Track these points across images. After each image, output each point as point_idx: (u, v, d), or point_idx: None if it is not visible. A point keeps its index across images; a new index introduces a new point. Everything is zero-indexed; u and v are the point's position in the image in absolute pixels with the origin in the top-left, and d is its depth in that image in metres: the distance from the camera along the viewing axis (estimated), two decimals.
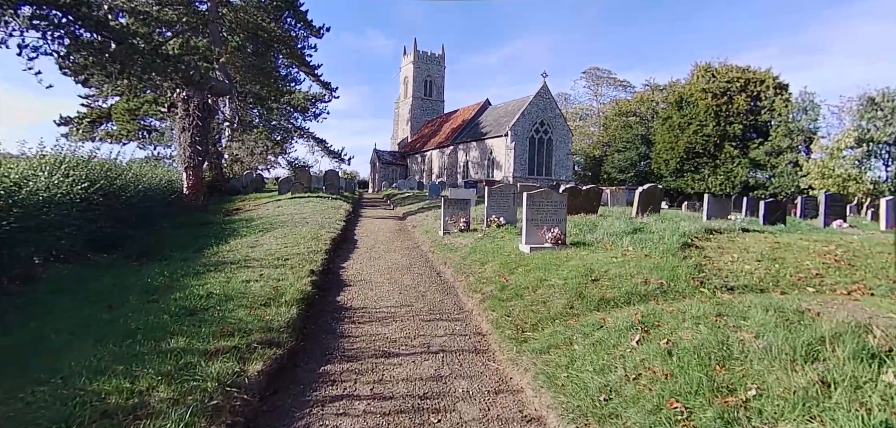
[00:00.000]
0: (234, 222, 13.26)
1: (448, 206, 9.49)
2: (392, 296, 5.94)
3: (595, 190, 10.18)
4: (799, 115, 41.49)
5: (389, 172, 51.00)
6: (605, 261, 5.64)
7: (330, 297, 5.94)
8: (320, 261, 7.30)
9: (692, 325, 3.50)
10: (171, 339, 3.71)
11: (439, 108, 57.92)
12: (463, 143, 43.52)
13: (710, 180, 44.34)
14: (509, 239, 7.95)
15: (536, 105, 38.66)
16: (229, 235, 10.41)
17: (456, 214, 9.42)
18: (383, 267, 7.60)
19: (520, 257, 6.45)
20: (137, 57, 15.31)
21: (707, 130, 43.90)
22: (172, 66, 17.06)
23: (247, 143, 25.38)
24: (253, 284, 5.61)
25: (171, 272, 6.34)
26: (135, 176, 12.52)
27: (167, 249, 9.70)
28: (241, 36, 21.80)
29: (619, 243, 6.49)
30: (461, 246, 8.09)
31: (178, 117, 18.73)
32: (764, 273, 5.10)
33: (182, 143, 18.62)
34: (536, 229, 6.74)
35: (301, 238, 9.01)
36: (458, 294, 5.93)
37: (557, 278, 5.24)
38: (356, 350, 4.21)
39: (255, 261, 6.92)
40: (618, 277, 5.07)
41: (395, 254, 8.69)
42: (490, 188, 9.42)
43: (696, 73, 47.75)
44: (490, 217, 9.33)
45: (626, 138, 52.36)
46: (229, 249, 8.54)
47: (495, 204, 9.39)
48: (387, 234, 11.61)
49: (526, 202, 6.71)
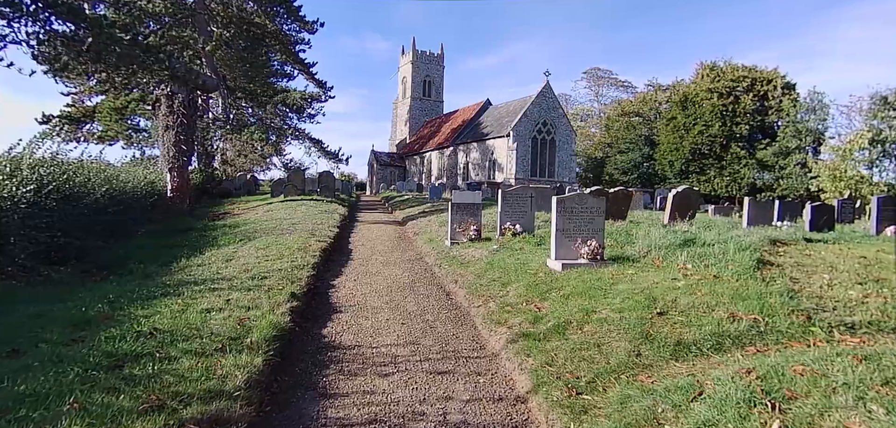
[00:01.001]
0: (216, 229, 12.01)
1: (455, 212, 8.27)
2: (392, 327, 4.71)
3: (624, 193, 8.98)
4: (807, 116, 40.45)
5: (387, 174, 49.75)
6: (665, 285, 4.42)
7: (314, 329, 4.70)
8: (306, 279, 6.07)
9: (853, 399, 2.29)
10: (65, 419, 2.47)
11: (438, 108, 56.72)
12: (463, 144, 42.32)
13: (715, 181, 43.29)
14: (531, 252, 6.73)
15: (539, 105, 37.51)
16: (207, 245, 9.17)
17: (465, 220, 8.20)
18: (381, 285, 6.37)
19: (550, 277, 5.24)
20: (114, 47, 14.04)
21: (713, 130, 42.84)
22: (153, 58, 15.81)
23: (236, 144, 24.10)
24: (215, 315, 4.38)
25: (117, 296, 5.09)
26: (106, 178, 11.24)
27: (134, 261, 8.46)
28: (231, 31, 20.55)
29: (671, 259, 5.28)
30: (473, 259, 6.87)
31: (162, 115, 17.48)
32: (881, 303, 3.89)
33: (165, 143, 17.36)
34: (569, 241, 5.53)
35: (286, 249, 7.78)
36: (477, 325, 4.70)
37: (609, 309, 4.02)
38: (343, 421, 2.98)
39: (226, 280, 5.68)
40: (691, 308, 3.85)
41: (396, 268, 7.46)
42: (504, 191, 8.20)
43: (701, 73, 46.70)
44: (504, 224, 8.12)
45: (629, 139, 51.30)
46: (201, 262, 7.30)
47: (510, 209, 8.17)
48: (385, 242, 10.38)
49: (556, 209, 5.49)
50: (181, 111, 17.24)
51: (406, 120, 56.31)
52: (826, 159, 37.96)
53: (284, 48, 21.22)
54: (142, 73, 16.48)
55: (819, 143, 40.54)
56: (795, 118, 40.22)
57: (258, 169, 39.99)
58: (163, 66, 16.06)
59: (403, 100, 57.26)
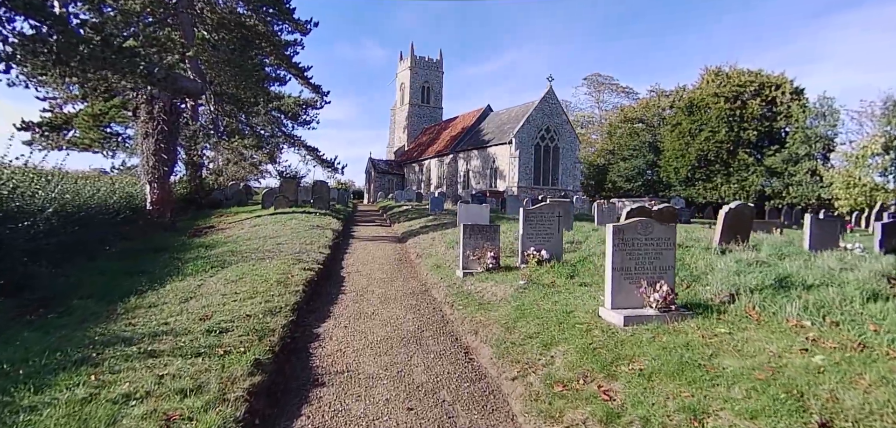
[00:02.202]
0: (192, 249, 10.57)
1: (469, 235, 6.85)
2: (394, 415, 3.30)
3: (669, 210, 7.61)
4: (817, 122, 39.34)
5: (385, 182, 48.34)
6: (796, 363, 3.02)
7: (282, 423, 3.28)
8: (281, 329, 4.65)
9: None
10: None
11: (437, 115, 55.49)
12: (463, 152, 41.00)
13: (723, 189, 42.06)
14: (569, 290, 5.33)
15: (541, 110, 36.27)
16: (172, 273, 7.72)
17: (480, 245, 6.79)
18: (379, 335, 4.95)
19: (612, 337, 3.83)
20: (82, 48, 12.65)
21: (719, 136, 41.68)
22: (127, 60, 14.43)
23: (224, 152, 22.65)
24: (131, 409, 2.96)
25: (13, 363, 3.66)
26: (62, 191, 9.79)
27: (83, 294, 7.03)
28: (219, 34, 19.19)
29: (773, 310, 3.88)
30: (495, 299, 5.47)
31: (141, 122, 16.06)
32: None
33: (145, 152, 15.92)
34: (629, 284, 4.15)
35: (263, 282, 6.35)
36: (516, 418, 3.28)
37: (730, 411, 2.62)
38: None
39: (171, 337, 4.25)
40: (868, 418, 2.45)
41: (397, 307, 6.04)
42: (526, 210, 6.79)
43: (707, 78, 45.63)
44: (527, 249, 6.72)
45: (633, 145, 50.12)
46: (154, 301, 5.86)
47: (534, 230, 6.77)
48: (384, 266, 8.96)
49: (613, 242, 4.10)
50: (162, 118, 15.83)
51: (404, 127, 55.02)
52: (838, 166, 36.86)
53: (276, 50, 19.85)
54: (116, 77, 15.10)
55: (829, 150, 39.48)
56: (805, 124, 39.11)
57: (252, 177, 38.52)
58: (137, 70, 14.70)
59: (401, 106, 56.00)
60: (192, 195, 23.88)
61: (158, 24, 17.25)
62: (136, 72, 14.67)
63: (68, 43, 12.25)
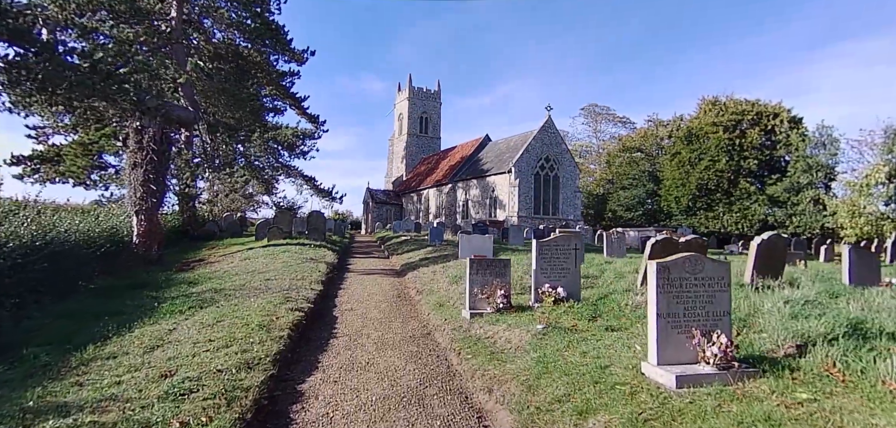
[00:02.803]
0: (174, 285, 9.78)
1: (475, 271, 6.12)
2: None
3: (698, 242, 6.94)
4: (817, 151, 39.20)
5: (383, 212, 47.72)
6: None
7: None
8: (256, 388, 3.88)
9: None
10: None
11: (436, 145, 55.42)
12: (462, 181, 40.57)
13: (724, 218, 41.55)
14: (596, 336, 4.59)
15: (541, 140, 36.04)
16: (145, 314, 6.93)
17: (489, 282, 6.06)
18: (374, 393, 4.17)
19: (662, 401, 3.08)
20: (70, 74, 12.19)
21: (720, 166, 41.46)
22: (116, 87, 13.97)
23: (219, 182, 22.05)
24: None
25: None
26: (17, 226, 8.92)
27: (42, 339, 6.24)
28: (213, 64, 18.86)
29: (855, 366, 3.16)
30: (510, 347, 4.71)
31: (129, 151, 15.48)
32: None
33: (133, 182, 15.26)
34: (678, 333, 3.43)
35: (242, 325, 5.58)
36: None
37: None
38: None
39: (118, 403, 3.47)
40: None
41: (395, 355, 5.26)
42: (540, 242, 6.09)
43: (704, 107, 45.81)
44: (541, 286, 6.00)
45: (632, 175, 49.89)
46: (115, 350, 5.08)
47: (549, 265, 6.06)
48: (381, 304, 8.18)
49: (657, 281, 3.39)
50: (151, 147, 15.24)
51: (402, 157, 54.85)
52: (841, 195, 36.51)
53: (272, 81, 19.50)
54: (104, 105, 14.61)
55: (830, 179, 39.19)
56: (805, 153, 38.96)
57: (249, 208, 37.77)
58: (126, 97, 14.22)
59: (400, 136, 55.98)
60: (184, 227, 23.12)
61: (152, 52, 16.91)
62: (126, 99, 14.19)
63: (55, 70, 11.79)
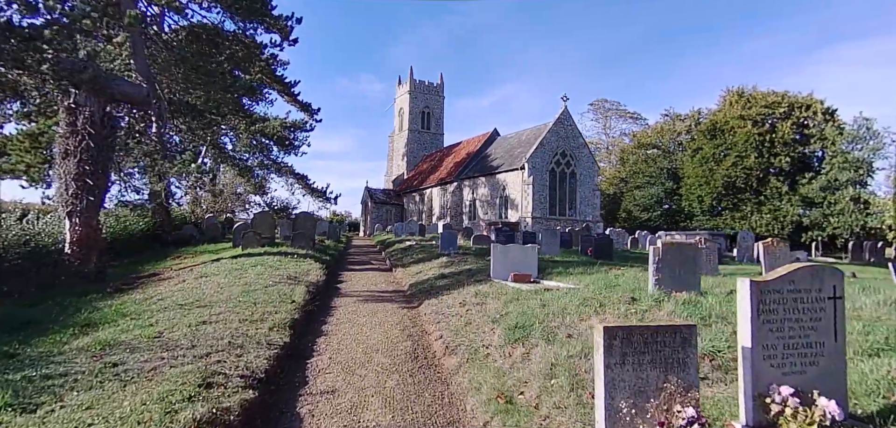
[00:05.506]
0: (87, 320, 6.49)
1: (620, 361, 2.68)
2: None
3: None
4: (855, 146, 35.91)
5: (383, 213, 44.36)
6: None
7: None
8: None
9: None
10: None
11: (438, 141, 52.09)
12: (469, 179, 37.25)
13: (753, 219, 38.16)
14: None
15: (556, 133, 32.71)
16: (15, 367, 3.62)
17: (655, 384, 2.66)
18: None
19: None
20: None
21: (748, 163, 38.11)
22: (32, 48, 10.67)
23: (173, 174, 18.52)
24: None
25: None
26: None
27: None
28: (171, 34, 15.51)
29: None
30: None
31: (59, 136, 12.13)
32: None
33: (63, 176, 11.88)
34: None
35: None
36: None
37: None
38: None
39: None
40: None
41: None
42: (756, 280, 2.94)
43: (729, 99, 42.52)
44: (765, 383, 2.71)
45: (648, 173, 46.55)
46: None
47: (778, 337, 2.75)
48: (387, 369, 4.89)
49: None
50: (87, 130, 11.79)
51: (403, 154, 51.48)
52: (888, 193, 33.32)
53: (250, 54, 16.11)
54: (18, 73, 11.28)
55: (868, 175, 36.00)
56: (842, 147, 35.72)
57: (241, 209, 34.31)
58: (50, 66, 10.88)
59: (400, 132, 52.62)
60: (155, 230, 19.76)
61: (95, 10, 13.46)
62: (47, 66, 10.83)
63: None
